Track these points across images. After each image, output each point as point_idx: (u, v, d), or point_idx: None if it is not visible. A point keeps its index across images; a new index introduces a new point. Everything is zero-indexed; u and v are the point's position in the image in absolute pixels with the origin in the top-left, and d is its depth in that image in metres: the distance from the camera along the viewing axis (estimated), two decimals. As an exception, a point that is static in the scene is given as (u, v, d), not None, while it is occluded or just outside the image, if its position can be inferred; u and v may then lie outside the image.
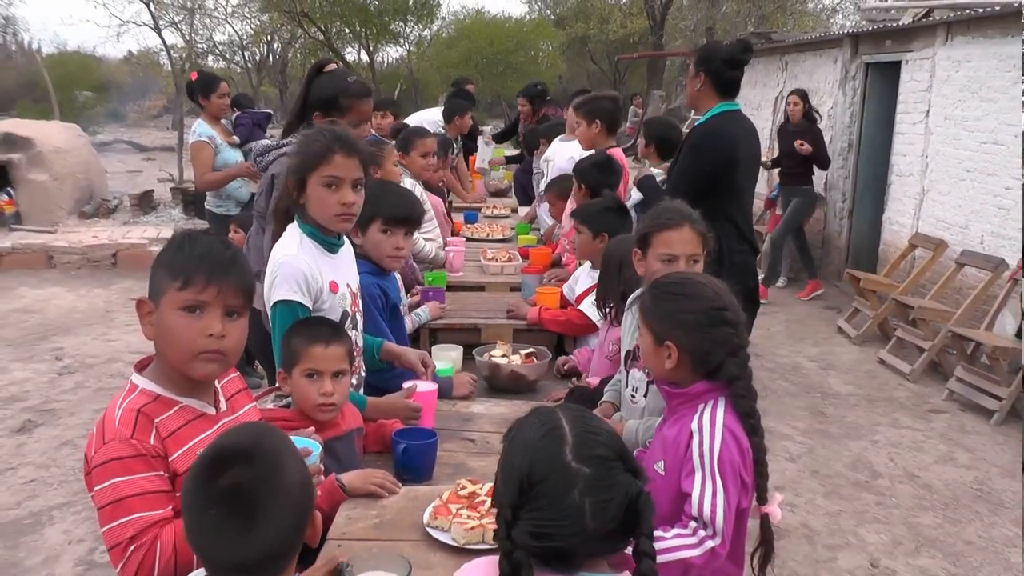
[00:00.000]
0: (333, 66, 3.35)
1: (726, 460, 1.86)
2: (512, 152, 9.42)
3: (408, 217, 2.99)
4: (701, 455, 1.87)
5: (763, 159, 7.05)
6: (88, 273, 8.97)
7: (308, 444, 1.85)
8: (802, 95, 8.63)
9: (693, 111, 7.59)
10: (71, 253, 9.12)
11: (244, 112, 6.53)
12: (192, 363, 1.71)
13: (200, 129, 5.82)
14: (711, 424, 1.89)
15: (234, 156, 5.80)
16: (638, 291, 2.45)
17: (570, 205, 4.82)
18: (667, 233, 2.48)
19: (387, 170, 3.96)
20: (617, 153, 4.69)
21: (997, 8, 6.83)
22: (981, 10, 7.13)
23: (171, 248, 1.75)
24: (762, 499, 1.92)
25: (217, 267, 1.70)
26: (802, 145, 8.19)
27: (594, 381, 2.99)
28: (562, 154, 5.47)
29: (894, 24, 8.72)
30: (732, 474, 1.86)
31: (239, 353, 1.80)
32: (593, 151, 4.72)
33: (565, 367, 3.40)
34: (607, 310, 3.06)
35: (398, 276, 3.34)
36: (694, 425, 1.91)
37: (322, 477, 1.83)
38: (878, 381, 6.36)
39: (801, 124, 8.51)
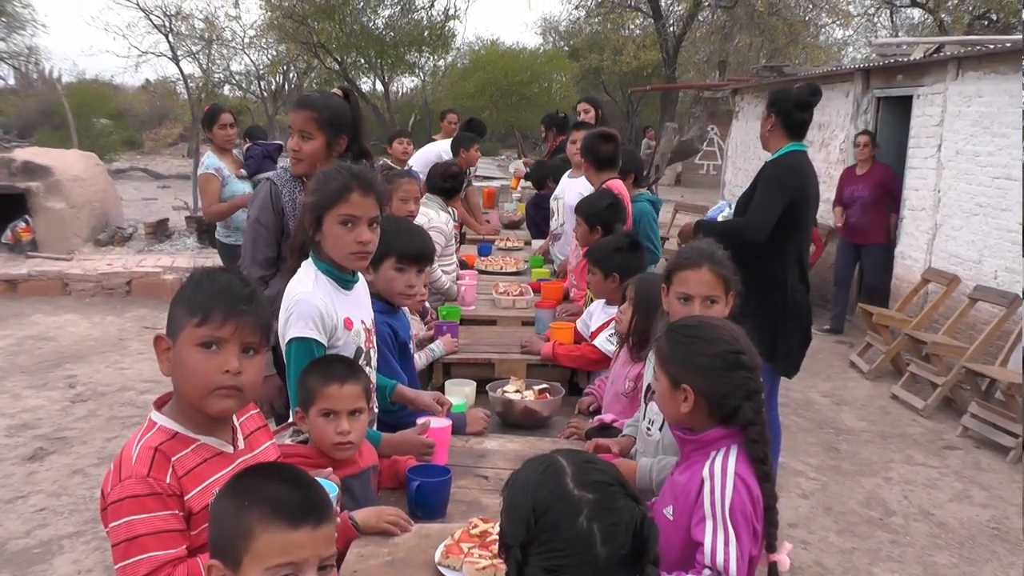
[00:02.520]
0: (336, 90, 3.41)
1: (737, 509, 1.84)
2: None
3: (422, 255, 2.99)
4: (712, 503, 1.86)
5: None
6: (102, 301, 9.02)
7: (325, 486, 1.85)
8: (593, 103, 7.44)
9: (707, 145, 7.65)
10: (86, 280, 9.19)
11: (255, 144, 6.57)
12: (208, 399, 1.72)
13: (208, 161, 5.89)
14: (722, 472, 1.89)
15: (242, 188, 5.84)
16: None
17: (575, 241, 4.84)
18: (685, 272, 2.51)
19: (392, 206, 3.99)
20: (616, 184, 4.72)
21: (1007, 44, 6.86)
22: (992, 46, 7.16)
23: (190, 284, 1.77)
24: (771, 547, 1.90)
25: (235, 304, 1.72)
26: None
27: (607, 418, 2.99)
28: (571, 191, 5.50)
29: (905, 59, 8.77)
30: (744, 523, 1.85)
31: (256, 390, 1.81)
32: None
33: (591, 408, 3.34)
34: (629, 346, 3.06)
35: (407, 313, 3.35)
36: (705, 472, 1.90)
37: (338, 520, 1.83)
38: (891, 417, 6.31)
39: None
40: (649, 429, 2.50)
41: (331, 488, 1.86)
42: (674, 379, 1.99)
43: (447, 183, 5.23)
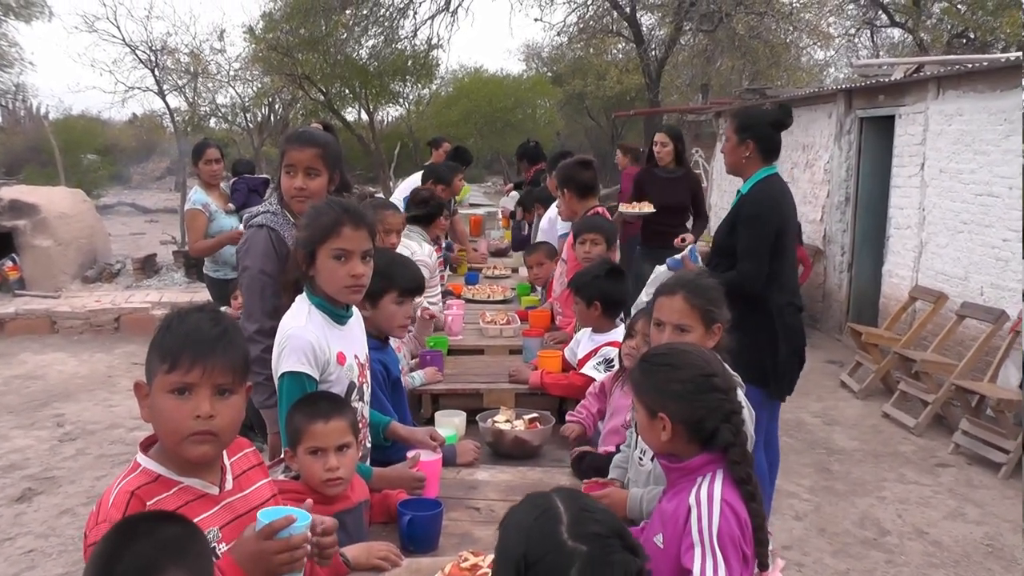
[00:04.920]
0: (316, 124, 3.42)
1: (725, 534, 1.84)
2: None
3: (419, 286, 3.08)
4: (700, 530, 1.85)
5: (626, 208, 5.99)
6: (91, 338, 8.99)
7: (297, 514, 1.80)
8: (673, 134, 6.98)
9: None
10: (74, 318, 9.16)
11: (241, 178, 6.55)
12: (183, 445, 1.69)
13: (195, 196, 5.86)
14: (708, 498, 1.88)
15: (229, 223, 5.81)
16: None
17: (560, 268, 4.86)
18: (659, 299, 2.56)
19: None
20: (602, 211, 4.74)
21: (985, 64, 6.95)
22: (971, 65, 7.26)
23: (161, 329, 1.74)
24: (763, 565, 1.90)
25: (203, 347, 1.69)
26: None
27: (611, 449, 2.97)
28: (546, 216, 5.52)
29: (886, 79, 8.86)
30: (733, 548, 1.84)
31: (234, 431, 1.78)
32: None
33: (573, 436, 3.24)
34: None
35: (404, 343, 3.35)
36: (691, 500, 1.90)
37: (308, 547, 1.79)
38: (883, 435, 6.32)
39: (674, 170, 6.88)
40: (641, 459, 2.50)
41: (304, 516, 1.80)
42: (650, 409, 1.99)
43: (421, 208, 5.20)
